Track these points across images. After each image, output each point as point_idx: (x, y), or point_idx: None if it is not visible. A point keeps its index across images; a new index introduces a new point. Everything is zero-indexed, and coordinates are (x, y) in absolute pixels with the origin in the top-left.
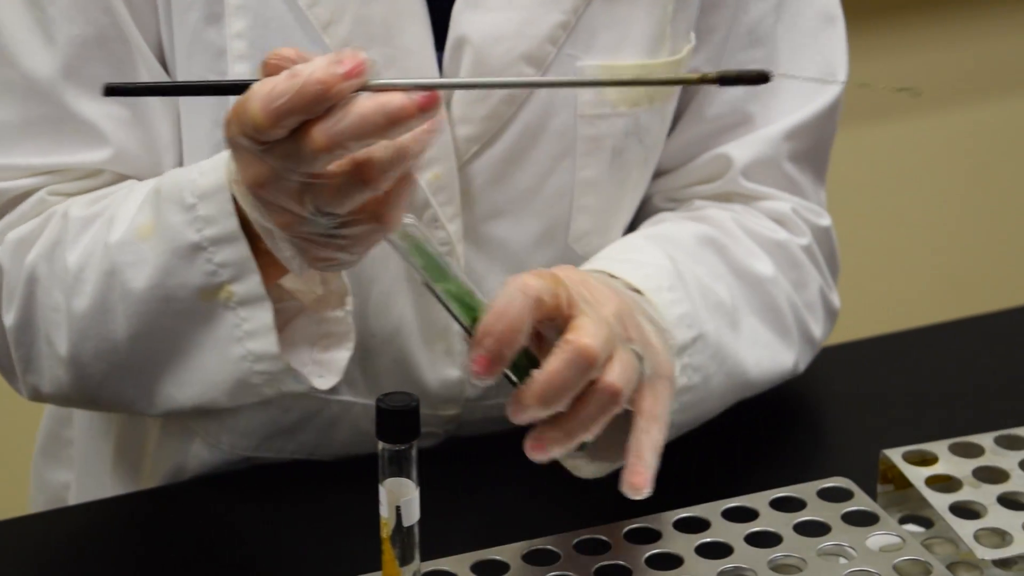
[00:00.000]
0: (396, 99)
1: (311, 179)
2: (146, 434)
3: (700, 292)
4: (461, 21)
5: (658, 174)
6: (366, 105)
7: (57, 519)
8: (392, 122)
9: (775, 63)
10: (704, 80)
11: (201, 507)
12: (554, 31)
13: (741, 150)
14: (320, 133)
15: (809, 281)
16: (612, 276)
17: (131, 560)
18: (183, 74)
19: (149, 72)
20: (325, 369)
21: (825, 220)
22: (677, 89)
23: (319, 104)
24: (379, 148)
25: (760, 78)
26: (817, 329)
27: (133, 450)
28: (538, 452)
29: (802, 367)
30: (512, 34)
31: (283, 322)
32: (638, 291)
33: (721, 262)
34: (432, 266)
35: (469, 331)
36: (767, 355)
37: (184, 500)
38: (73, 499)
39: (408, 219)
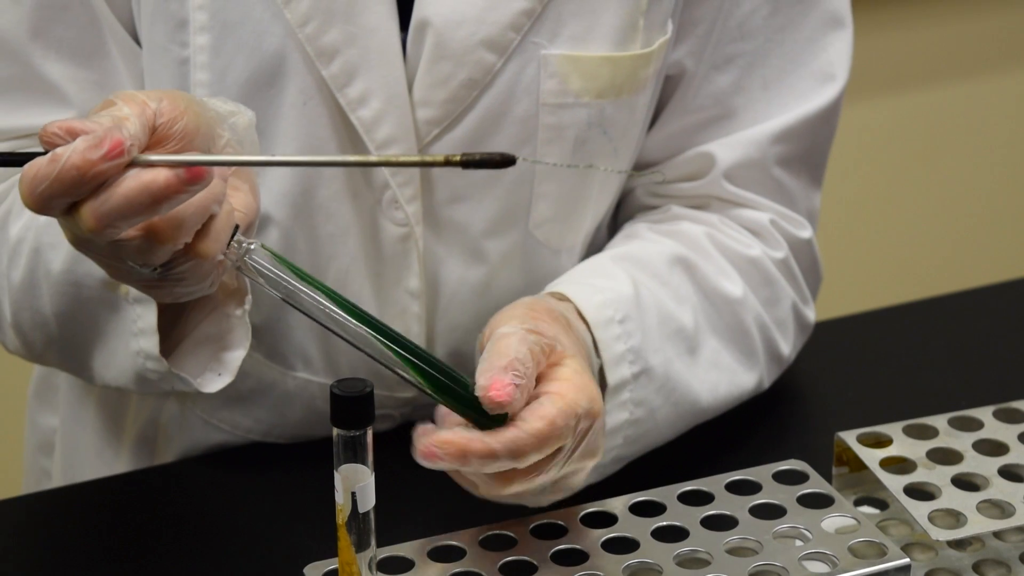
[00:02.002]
0: (161, 177)
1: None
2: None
3: (658, 320)
4: (424, 4)
5: (643, 166)
6: (130, 186)
7: (33, 502)
8: (157, 200)
9: (765, 58)
10: (448, 163)
11: (159, 495)
12: (517, 18)
13: (725, 150)
14: (88, 214)
15: (782, 298)
16: (565, 298)
17: (89, 545)
18: (147, 43)
19: (115, 39)
20: (223, 367)
21: (806, 232)
22: (646, 82)
23: (79, 188)
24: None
25: (505, 162)
26: (786, 347)
27: (115, 401)
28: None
29: (767, 384)
30: (473, 19)
31: (204, 316)
32: (585, 321)
33: (689, 282)
34: (287, 289)
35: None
36: (725, 379)
37: (141, 487)
38: (58, 444)
39: (250, 245)
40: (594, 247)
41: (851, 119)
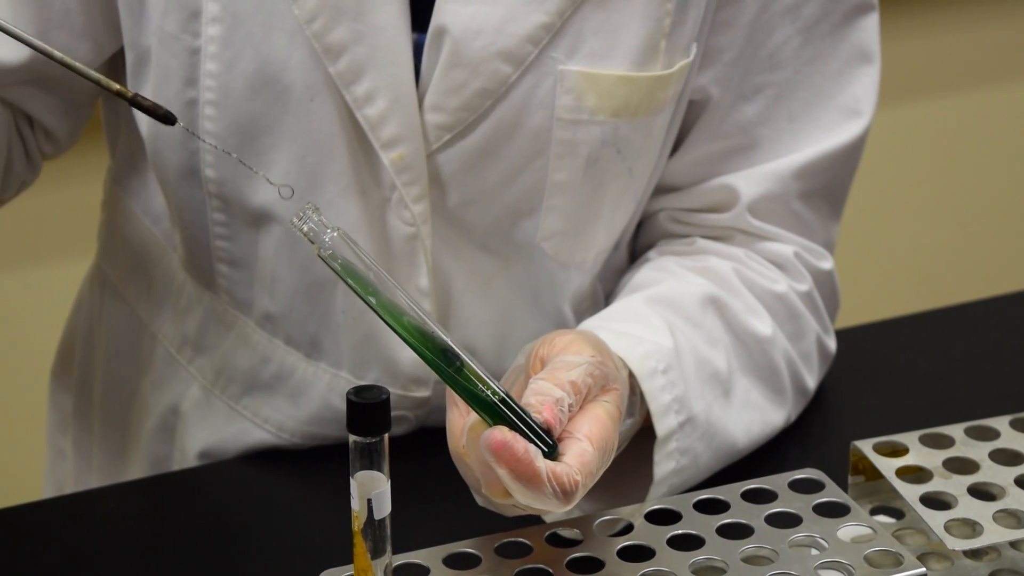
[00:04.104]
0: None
1: None
2: (141, 374)
3: (696, 366)
4: (443, 10)
5: (666, 190)
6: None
7: (53, 507)
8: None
9: (793, 90)
10: (119, 94)
11: (175, 499)
12: (536, 31)
13: (749, 184)
14: None
15: (807, 331)
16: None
17: (103, 550)
18: (158, 33)
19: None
20: None
21: (827, 263)
22: (664, 104)
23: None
24: None
25: (164, 118)
26: (811, 380)
27: (125, 388)
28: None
29: (794, 419)
30: (492, 30)
31: None
32: (631, 372)
33: (721, 323)
34: (358, 280)
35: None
36: (758, 418)
37: (160, 491)
38: (72, 431)
39: (334, 233)
40: (612, 266)
41: (893, 125)
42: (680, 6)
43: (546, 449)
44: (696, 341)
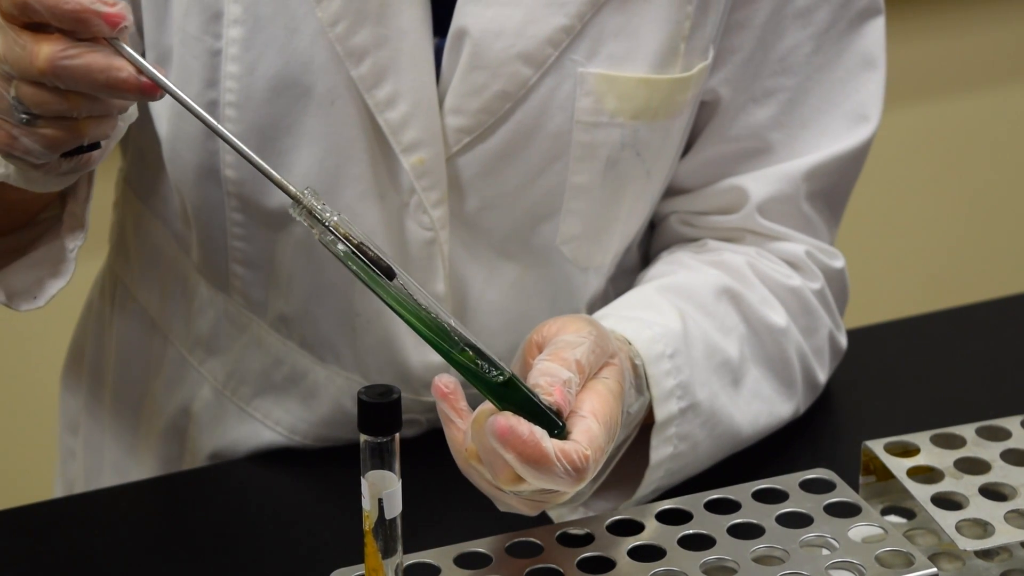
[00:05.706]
0: (127, 70)
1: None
2: (152, 375)
3: (705, 353)
4: (464, 12)
5: (676, 192)
6: (98, 59)
7: (65, 506)
8: (111, 87)
9: (804, 95)
10: (348, 241)
11: (185, 498)
12: (556, 34)
13: (759, 185)
14: (45, 54)
15: (819, 327)
16: (614, 332)
17: (113, 550)
18: (180, 34)
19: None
20: (41, 293)
21: (839, 262)
22: (683, 107)
23: (59, 20)
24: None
25: (384, 272)
26: (822, 375)
27: (135, 389)
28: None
29: (802, 411)
30: (512, 32)
31: (44, 243)
32: (636, 355)
33: (735, 312)
34: (362, 267)
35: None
36: (766, 409)
37: (170, 490)
38: (82, 431)
39: (332, 216)
40: (623, 267)
41: (900, 125)
42: (699, 8)
43: (556, 431)
44: (707, 328)
